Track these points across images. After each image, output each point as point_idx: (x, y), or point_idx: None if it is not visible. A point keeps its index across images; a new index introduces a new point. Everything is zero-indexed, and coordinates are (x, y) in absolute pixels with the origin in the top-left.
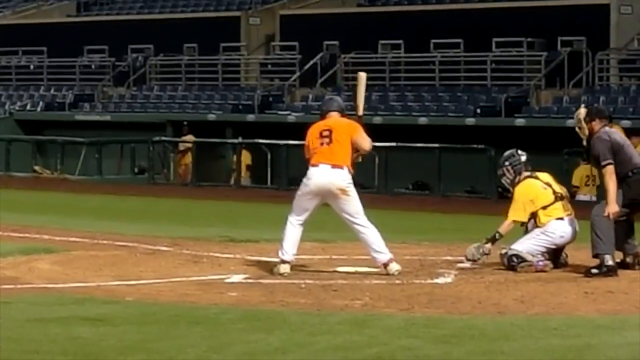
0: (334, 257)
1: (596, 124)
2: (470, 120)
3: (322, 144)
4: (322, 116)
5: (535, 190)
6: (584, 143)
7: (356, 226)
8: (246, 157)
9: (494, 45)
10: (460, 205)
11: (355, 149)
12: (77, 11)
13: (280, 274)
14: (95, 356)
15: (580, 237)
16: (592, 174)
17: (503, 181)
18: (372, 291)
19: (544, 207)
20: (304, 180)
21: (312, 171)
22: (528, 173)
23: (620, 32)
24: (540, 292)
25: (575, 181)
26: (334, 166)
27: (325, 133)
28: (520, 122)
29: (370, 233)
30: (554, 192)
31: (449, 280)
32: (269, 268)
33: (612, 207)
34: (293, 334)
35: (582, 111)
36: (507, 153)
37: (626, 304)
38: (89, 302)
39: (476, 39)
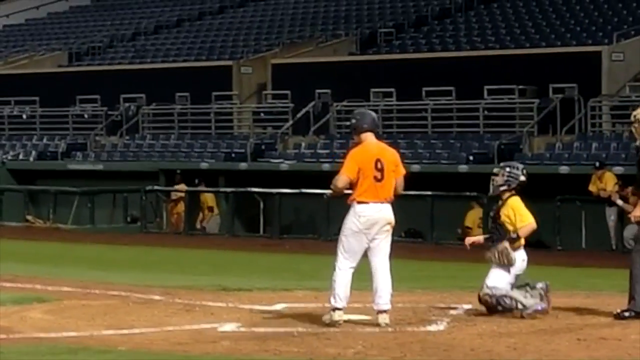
0: (326, 305)
1: None
2: (463, 168)
3: (376, 179)
4: (357, 133)
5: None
6: (638, 144)
7: (379, 265)
8: (208, 199)
9: (485, 92)
10: (453, 252)
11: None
12: (68, 61)
13: (335, 322)
14: None
15: (568, 284)
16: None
17: (492, 181)
18: (364, 339)
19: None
20: (352, 218)
21: (363, 208)
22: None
23: (612, 79)
24: (532, 340)
25: (468, 222)
26: (382, 202)
27: (379, 165)
28: None
29: (388, 278)
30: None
31: (441, 327)
32: (262, 317)
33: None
34: None
35: None
36: (512, 162)
37: (618, 350)
38: (82, 351)
39: (468, 87)
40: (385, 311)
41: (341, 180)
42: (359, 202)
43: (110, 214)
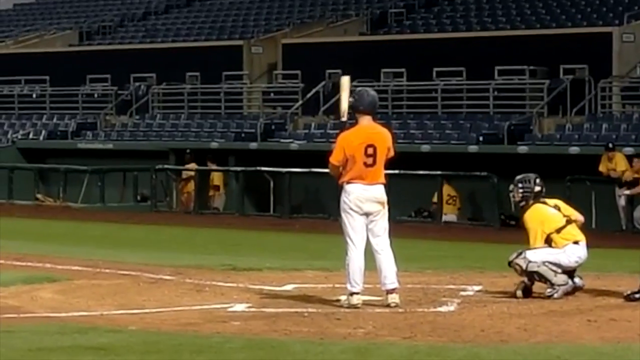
0: (336, 285)
1: None
2: (473, 148)
3: (366, 164)
4: (357, 112)
5: (542, 213)
6: None
7: (379, 245)
8: (215, 178)
9: (496, 73)
10: (463, 232)
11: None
12: (79, 40)
13: (354, 305)
14: None
15: (584, 265)
16: (454, 194)
17: (511, 197)
18: (375, 320)
19: (558, 231)
20: (343, 198)
21: (351, 187)
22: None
23: (623, 59)
24: (543, 321)
25: (435, 198)
26: (374, 184)
27: (370, 151)
28: (522, 149)
29: (389, 256)
30: (564, 215)
31: (451, 308)
32: (272, 296)
33: None
34: None
35: None
36: (525, 176)
37: (629, 332)
38: (91, 331)
39: (479, 67)
40: (393, 290)
41: (330, 168)
42: (347, 183)
43: (120, 192)
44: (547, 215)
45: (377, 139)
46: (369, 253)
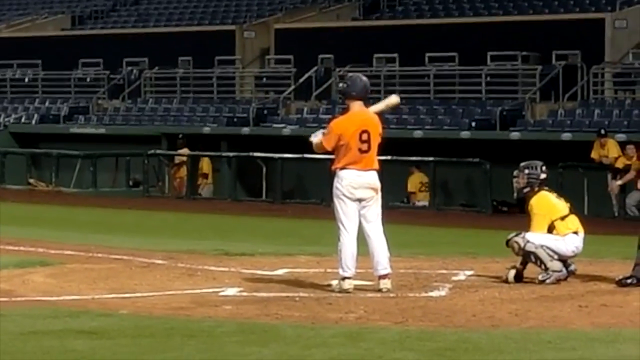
0: (328, 270)
1: None
2: (465, 134)
3: (361, 150)
4: (347, 98)
5: (549, 200)
6: None
7: (371, 230)
8: (204, 166)
9: (489, 59)
10: (455, 218)
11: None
12: (71, 25)
13: (345, 290)
14: None
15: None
16: (425, 180)
17: (514, 183)
18: (366, 304)
19: (562, 218)
20: (336, 184)
21: (345, 173)
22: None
23: (615, 46)
24: (534, 306)
25: (410, 188)
26: (368, 170)
27: (365, 137)
28: (515, 135)
29: (382, 242)
30: (566, 204)
31: (443, 293)
32: (264, 281)
33: None
34: (287, 347)
35: None
36: (531, 162)
37: (620, 317)
38: (83, 315)
39: (471, 53)
40: (385, 276)
41: (317, 147)
42: (341, 169)
43: (112, 177)
44: (554, 202)
45: (370, 124)
46: (362, 239)
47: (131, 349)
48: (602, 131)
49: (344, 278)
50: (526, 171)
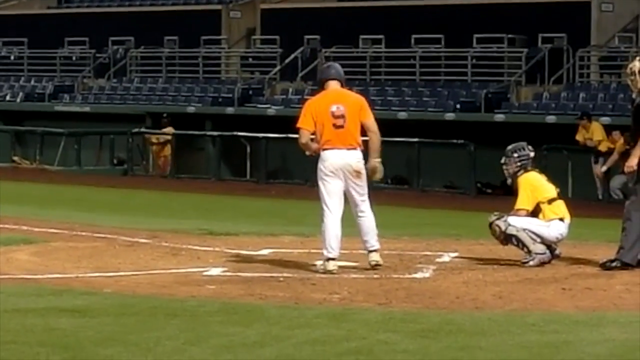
0: (312, 250)
1: None
2: (450, 116)
3: (335, 125)
4: (321, 85)
5: (538, 179)
6: (634, 96)
7: (359, 208)
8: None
9: (474, 41)
10: (439, 200)
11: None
12: (58, 3)
13: (330, 271)
14: (72, 347)
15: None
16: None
17: (505, 170)
18: (350, 285)
19: (550, 202)
20: (319, 165)
21: (328, 154)
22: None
23: (601, 29)
24: (518, 288)
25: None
26: (349, 148)
27: (338, 112)
28: (499, 117)
29: (370, 219)
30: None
31: (427, 275)
32: (248, 261)
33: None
34: (271, 327)
35: (638, 64)
36: (516, 145)
37: (604, 300)
38: (67, 293)
39: (457, 35)
40: (375, 250)
41: (301, 135)
42: (324, 150)
43: (96, 156)
44: (542, 182)
45: (344, 99)
46: (348, 219)
47: (114, 327)
48: (583, 117)
49: (328, 259)
50: (515, 155)
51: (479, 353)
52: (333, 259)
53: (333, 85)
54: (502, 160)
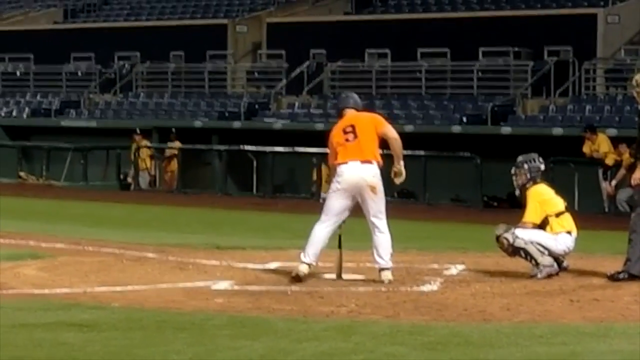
0: (319, 264)
1: None
2: (457, 129)
3: (347, 140)
4: (339, 115)
5: (548, 192)
6: None
7: (375, 225)
8: (145, 154)
9: (480, 54)
10: (446, 213)
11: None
12: (64, 18)
13: (297, 273)
14: None
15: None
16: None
17: (514, 181)
18: (358, 298)
19: (557, 215)
20: (335, 179)
21: (342, 169)
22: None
23: (607, 41)
24: (526, 300)
25: (315, 177)
26: (363, 162)
27: (349, 129)
28: (506, 130)
29: (385, 238)
30: (563, 201)
31: (434, 287)
32: (255, 274)
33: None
34: (279, 341)
35: None
36: (527, 156)
37: (611, 311)
38: (75, 308)
39: (463, 48)
40: (384, 268)
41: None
42: (339, 164)
43: (103, 171)
44: (551, 195)
45: (356, 119)
46: (358, 234)
47: (122, 342)
48: (587, 130)
49: (302, 262)
50: (526, 166)
51: None
52: (307, 265)
53: (349, 112)
54: (512, 171)
